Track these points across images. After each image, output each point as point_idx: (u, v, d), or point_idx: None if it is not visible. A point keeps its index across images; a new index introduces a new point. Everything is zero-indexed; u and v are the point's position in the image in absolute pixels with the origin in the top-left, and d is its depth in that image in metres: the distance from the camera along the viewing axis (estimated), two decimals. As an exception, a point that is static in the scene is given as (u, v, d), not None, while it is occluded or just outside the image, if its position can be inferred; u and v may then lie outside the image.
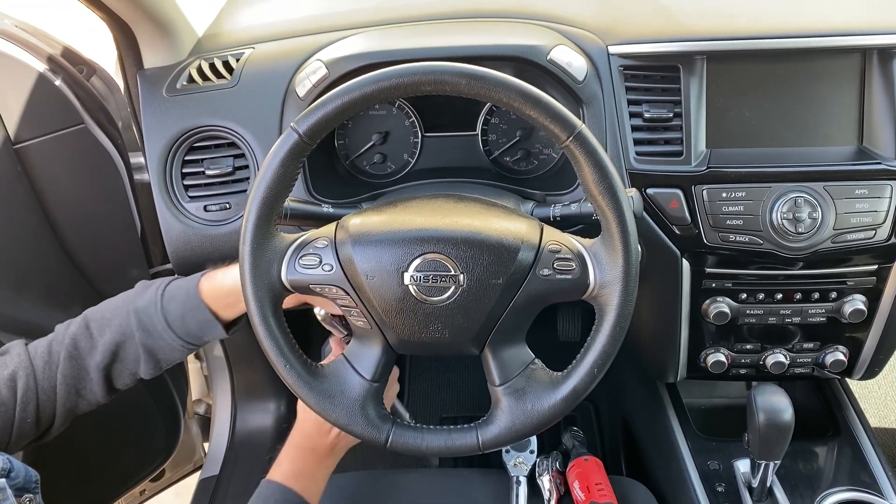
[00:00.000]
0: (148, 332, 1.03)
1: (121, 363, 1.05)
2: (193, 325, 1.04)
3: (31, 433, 1.02)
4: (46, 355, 1.02)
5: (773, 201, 1.09)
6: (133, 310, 1.04)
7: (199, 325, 1.04)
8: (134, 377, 1.07)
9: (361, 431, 0.88)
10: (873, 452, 1.25)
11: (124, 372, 1.06)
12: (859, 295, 1.16)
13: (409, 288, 0.84)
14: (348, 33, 1.21)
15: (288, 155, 0.83)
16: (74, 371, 1.02)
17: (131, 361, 1.05)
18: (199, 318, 1.04)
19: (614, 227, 0.82)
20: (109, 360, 1.03)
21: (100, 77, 1.41)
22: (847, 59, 1.11)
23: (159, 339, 1.04)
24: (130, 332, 1.03)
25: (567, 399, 0.86)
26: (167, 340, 1.04)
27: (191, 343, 1.05)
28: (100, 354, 1.02)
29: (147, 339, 1.03)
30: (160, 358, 1.06)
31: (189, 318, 1.04)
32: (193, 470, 1.91)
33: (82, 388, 1.03)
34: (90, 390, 1.04)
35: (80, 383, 1.03)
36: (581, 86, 1.10)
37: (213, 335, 1.06)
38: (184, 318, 1.04)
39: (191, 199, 1.16)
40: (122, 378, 1.06)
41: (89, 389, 1.04)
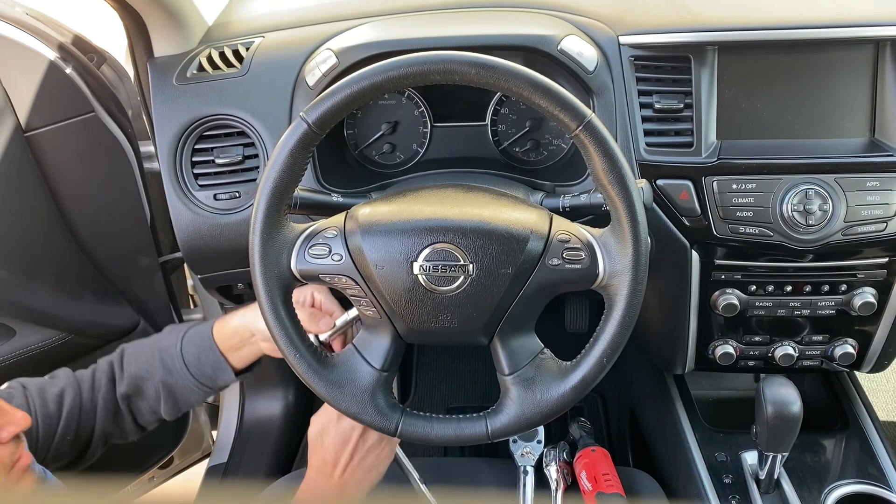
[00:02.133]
0: (168, 370, 1.07)
1: (143, 399, 1.09)
2: (206, 366, 1.07)
3: (67, 454, 1.05)
4: (90, 380, 1.08)
5: (783, 193, 1.08)
6: (158, 348, 1.08)
7: (212, 366, 1.07)
8: (156, 416, 1.11)
9: (371, 420, 0.89)
10: (881, 445, 1.25)
11: (145, 408, 1.10)
12: (869, 288, 1.15)
13: (418, 277, 0.84)
14: (358, 22, 1.21)
15: (297, 145, 0.83)
16: (111, 396, 1.08)
17: (152, 398, 1.09)
18: (212, 359, 1.07)
19: (624, 217, 0.82)
20: (132, 393, 1.08)
21: (110, 65, 1.42)
22: (860, 50, 1.10)
23: (178, 377, 1.07)
24: (153, 368, 1.07)
25: (576, 388, 0.86)
26: (184, 380, 1.07)
27: (205, 385, 1.08)
28: (125, 385, 1.08)
29: (167, 376, 1.07)
30: (178, 398, 1.09)
31: (203, 358, 1.07)
32: (202, 458, 1.91)
33: (117, 415, 1.09)
34: (122, 420, 1.10)
35: (116, 409, 1.09)
36: (591, 76, 1.10)
37: (224, 378, 1.08)
38: (199, 357, 1.07)
39: (200, 188, 1.16)
40: (145, 415, 1.10)
41: (121, 418, 1.09)
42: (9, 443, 0.88)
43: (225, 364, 1.07)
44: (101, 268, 1.45)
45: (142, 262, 1.50)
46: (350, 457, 1.00)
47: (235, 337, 1.07)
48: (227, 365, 1.07)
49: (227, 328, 1.07)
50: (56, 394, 1.05)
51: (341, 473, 1.00)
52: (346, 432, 1.00)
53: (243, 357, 1.08)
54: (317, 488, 1.00)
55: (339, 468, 0.99)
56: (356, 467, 1.00)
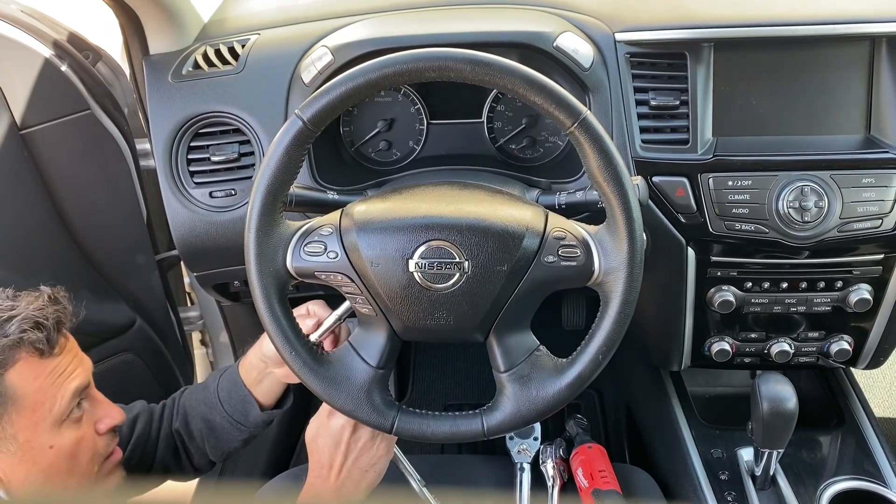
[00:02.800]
0: (209, 406, 1.09)
1: (191, 437, 1.12)
2: (237, 401, 1.08)
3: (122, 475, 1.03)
4: (160, 412, 1.13)
5: (779, 190, 1.08)
6: (203, 387, 1.13)
7: (241, 402, 1.08)
8: (205, 457, 1.13)
9: (367, 417, 0.89)
10: (877, 442, 1.25)
11: (195, 448, 1.12)
12: (865, 284, 1.15)
13: (413, 275, 0.84)
14: (354, 19, 1.21)
15: (292, 142, 0.83)
16: (170, 431, 1.12)
17: (198, 436, 1.11)
18: (240, 394, 1.08)
19: (619, 214, 0.82)
20: (181, 429, 1.11)
21: (105, 63, 1.41)
22: (856, 46, 1.10)
23: (215, 413, 1.09)
24: (198, 405, 1.10)
25: (572, 385, 0.86)
26: (220, 416, 1.09)
27: (238, 422, 1.08)
28: (178, 420, 1.11)
29: (208, 413, 1.09)
30: (218, 436, 1.10)
31: (233, 394, 1.08)
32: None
33: (176, 449, 1.12)
34: (180, 454, 1.13)
35: (176, 444, 1.12)
36: (587, 73, 1.10)
37: (253, 414, 1.08)
38: (230, 393, 1.09)
39: (196, 186, 1.16)
40: (195, 455, 1.13)
41: (178, 455, 1.13)
42: (105, 435, 0.94)
43: (250, 398, 1.07)
44: (97, 266, 1.45)
45: (138, 259, 1.50)
46: (344, 457, 0.99)
47: (254, 370, 1.08)
48: (252, 399, 1.07)
49: (246, 362, 1.09)
50: (130, 418, 1.10)
51: (337, 475, 0.98)
52: (337, 432, 0.98)
53: (265, 391, 1.08)
54: (315, 492, 0.99)
55: (334, 470, 0.98)
56: (351, 467, 0.99)
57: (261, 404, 1.08)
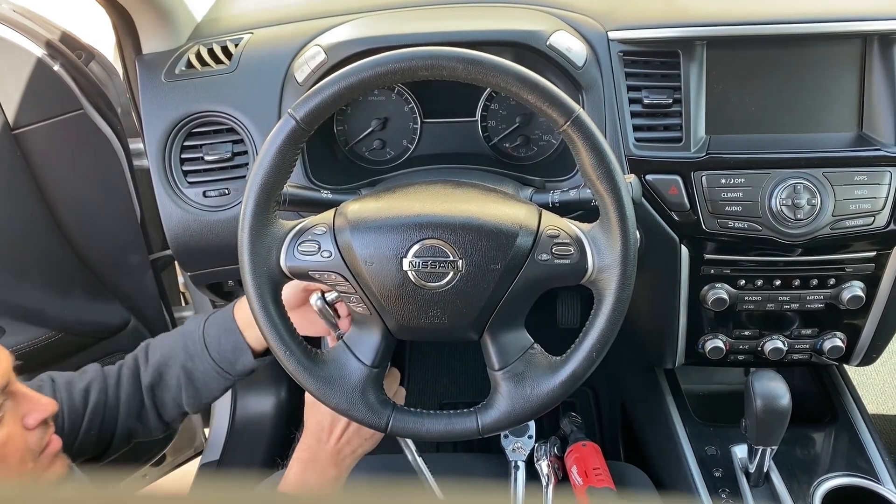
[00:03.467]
0: (190, 355, 1.06)
1: (165, 389, 1.08)
2: (227, 347, 1.06)
3: (91, 448, 1.05)
4: (116, 375, 1.08)
5: (772, 188, 1.08)
6: (181, 333, 1.09)
7: (232, 348, 1.06)
8: (179, 408, 1.10)
9: (362, 416, 0.89)
10: (870, 438, 1.26)
11: (169, 399, 1.09)
12: (858, 281, 1.16)
13: (407, 274, 0.84)
14: (347, 18, 1.21)
15: (285, 141, 0.83)
16: (134, 391, 1.08)
17: (173, 388, 1.08)
18: (232, 340, 1.06)
19: (612, 212, 0.82)
20: (155, 382, 1.07)
21: (98, 62, 1.41)
22: (848, 44, 1.10)
23: (198, 362, 1.06)
24: (176, 354, 1.07)
25: (566, 383, 0.86)
26: (204, 363, 1.06)
27: (224, 370, 1.07)
28: (149, 375, 1.07)
29: (188, 361, 1.06)
30: (198, 385, 1.07)
31: (224, 340, 1.06)
32: (194, 455, 1.91)
33: (141, 411, 1.08)
34: (145, 416, 1.09)
35: (139, 406, 1.08)
36: (580, 71, 1.10)
37: (243, 361, 1.07)
38: (219, 339, 1.06)
39: (190, 185, 1.16)
40: (169, 407, 1.10)
41: (144, 415, 1.09)
42: (36, 429, 0.88)
43: (244, 345, 1.05)
44: (90, 265, 1.44)
45: (132, 259, 1.50)
46: (347, 424, 1.02)
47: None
48: (246, 346, 1.05)
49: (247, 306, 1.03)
50: (82, 388, 1.05)
51: (336, 440, 1.01)
52: None
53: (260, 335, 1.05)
54: (312, 454, 1.02)
55: (334, 435, 1.01)
56: (352, 436, 1.02)
57: (253, 350, 1.06)
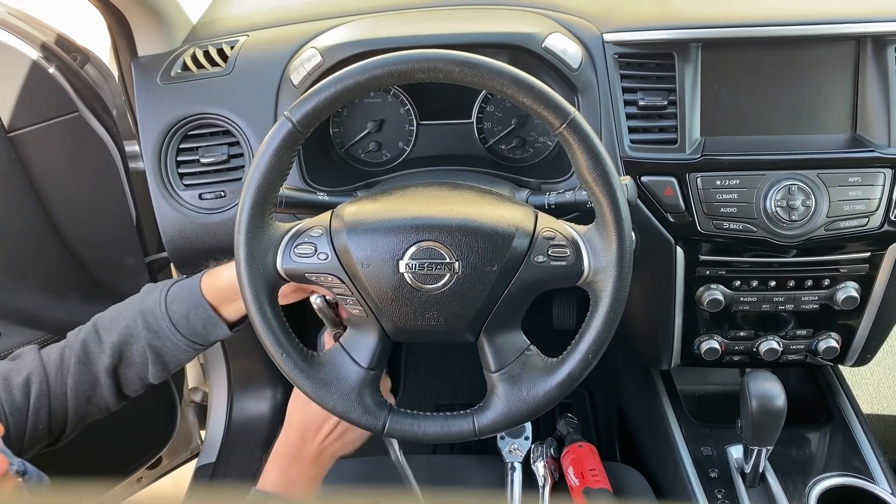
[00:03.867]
0: (154, 332, 1.03)
1: (128, 366, 1.04)
2: (197, 324, 1.03)
3: (44, 439, 1.02)
4: (59, 361, 1.02)
5: (766, 189, 1.09)
6: (139, 311, 1.03)
7: (203, 323, 1.04)
8: (143, 382, 1.07)
9: (358, 419, 0.89)
10: (865, 439, 1.26)
11: (132, 376, 1.05)
12: (852, 282, 1.16)
13: (404, 276, 0.85)
14: (343, 20, 1.21)
15: (282, 144, 0.83)
16: (85, 377, 1.02)
17: (138, 364, 1.04)
18: (202, 316, 1.03)
19: (608, 214, 0.83)
20: (117, 362, 1.03)
21: (94, 65, 1.41)
22: (841, 46, 1.11)
23: (165, 339, 1.03)
24: (137, 332, 1.03)
25: (562, 385, 0.86)
26: (172, 340, 1.03)
27: (196, 343, 1.05)
28: (108, 357, 1.02)
29: (153, 339, 1.03)
30: (167, 360, 1.05)
31: (192, 316, 1.03)
32: (191, 457, 1.91)
33: (93, 394, 1.04)
34: (100, 396, 1.04)
35: (90, 390, 1.03)
36: (576, 73, 1.10)
37: (217, 333, 1.05)
38: (187, 316, 1.03)
39: (186, 188, 1.16)
40: (131, 383, 1.06)
41: (100, 395, 1.04)
42: None
43: (217, 319, 1.03)
44: (86, 268, 1.44)
45: (128, 261, 1.49)
46: (334, 426, 1.01)
47: (231, 292, 1.02)
48: (219, 320, 1.03)
49: (220, 281, 1.03)
50: (21, 383, 0.99)
51: (322, 440, 1.01)
52: None
53: (236, 309, 1.05)
54: (294, 450, 1.01)
55: (320, 434, 1.00)
56: (336, 437, 1.02)
57: (228, 322, 1.04)
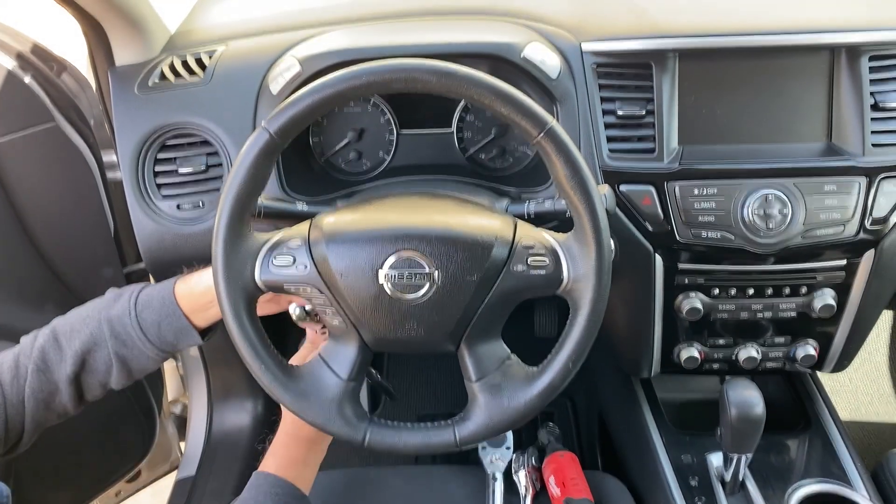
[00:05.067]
0: (122, 341, 1.00)
1: (91, 374, 1.01)
2: (169, 334, 1.01)
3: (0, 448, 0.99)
4: (14, 369, 0.98)
5: (744, 198, 1.10)
6: (105, 318, 1.00)
7: (175, 333, 1.01)
8: (104, 388, 1.04)
9: (338, 430, 0.88)
10: (843, 445, 1.27)
11: (94, 383, 1.02)
12: (829, 289, 1.18)
13: (383, 286, 0.84)
14: (323, 30, 1.21)
15: (259, 154, 0.82)
16: (43, 385, 0.99)
17: (101, 372, 1.01)
18: (175, 326, 1.01)
19: (586, 222, 0.83)
20: (79, 370, 1.00)
21: (70, 74, 1.40)
22: (816, 56, 1.12)
23: (133, 348, 1.01)
24: (102, 340, 1.00)
25: (543, 394, 0.86)
26: (140, 349, 1.01)
27: (165, 351, 1.03)
28: (69, 365, 0.99)
29: (121, 348, 1.00)
30: (132, 367, 1.03)
31: (164, 326, 1.01)
32: (170, 470, 1.89)
33: (51, 401, 1.00)
34: (59, 403, 1.01)
35: (49, 397, 1.00)
36: (555, 83, 1.11)
37: (189, 342, 1.03)
38: (159, 325, 1.01)
39: (163, 198, 1.15)
40: (93, 389, 1.03)
41: (58, 402, 1.01)
42: None
43: (190, 329, 1.01)
44: (63, 279, 1.43)
45: (105, 272, 1.48)
46: None
47: (206, 296, 1.00)
48: (192, 330, 1.01)
49: (196, 288, 1.01)
50: None
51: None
52: None
53: (210, 317, 1.03)
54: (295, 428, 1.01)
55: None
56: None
57: (199, 329, 1.03)
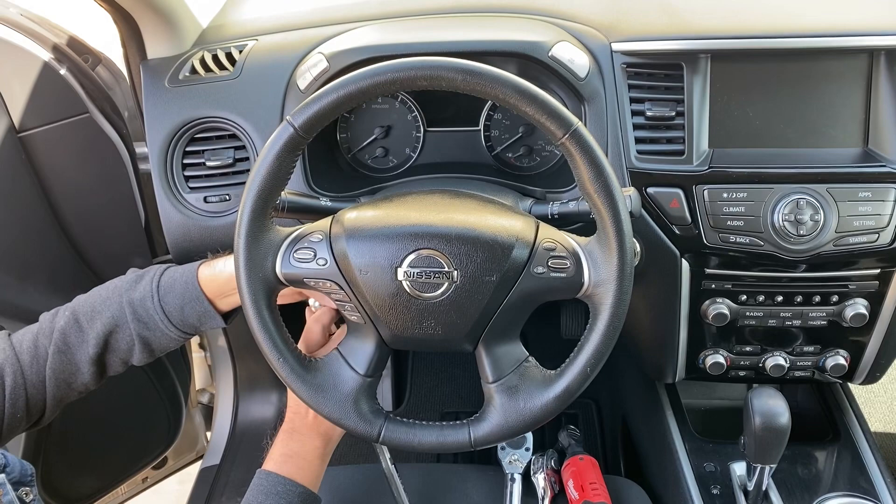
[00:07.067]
0: (144, 323, 1.02)
1: (113, 353, 1.04)
2: (192, 317, 1.03)
3: (22, 425, 1.02)
4: (33, 349, 1.00)
5: (774, 202, 1.07)
6: (127, 301, 1.02)
7: (198, 317, 1.04)
8: (126, 364, 1.07)
9: (354, 426, 0.88)
10: (872, 458, 1.24)
11: (116, 361, 1.05)
12: (861, 299, 1.15)
13: (402, 284, 0.84)
14: (351, 26, 1.21)
15: (283, 148, 0.83)
16: (64, 366, 1.01)
17: (123, 351, 1.04)
18: (198, 310, 1.03)
19: (609, 226, 0.82)
20: (101, 351, 1.02)
21: (105, 67, 1.42)
22: (854, 59, 1.09)
23: (156, 330, 1.03)
24: (124, 322, 1.02)
25: (559, 398, 0.85)
26: (163, 331, 1.03)
27: (187, 333, 1.05)
28: (91, 347, 1.01)
29: (143, 330, 1.02)
30: (154, 347, 1.05)
31: (188, 309, 1.03)
32: (196, 459, 1.92)
33: (73, 381, 1.03)
34: (80, 382, 1.04)
35: (70, 377, 1.03)
36: (583, 83, 1.09)
37: (212, 325, 1.05)
38: (182, 309, 1.03)
39: (191, 190, 1.16)
40: (114, 367, 1.06)
41: (80, 381, 1.04)
42: None
43: (214, 313, 1.03)
44: (94, 268, 1.45)
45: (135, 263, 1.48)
46: None
47: (231, 283, 1.01)
48: (215, 313, 1.03)
49: (220, 276, 1.03)
50: None
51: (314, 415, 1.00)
52: None
53: (233, 302, 1.04)
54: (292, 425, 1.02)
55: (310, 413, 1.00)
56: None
57: (222, 313, 1.04)
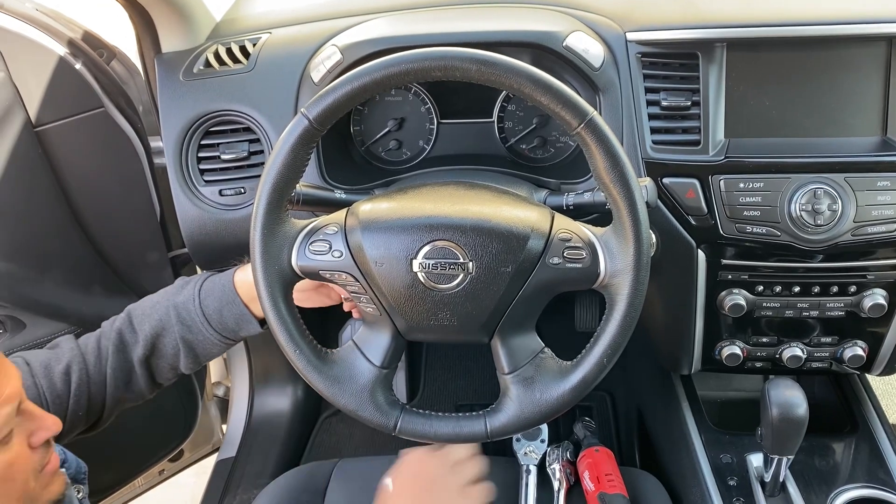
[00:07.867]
0: (187, 326, 1.06)
1: (160, 357, 1.07)
2: (230, 320, 1.06)
3: (81, 425, 1.05)
4: (96, 350, 1.05)
5: (791, 192, 1.06)
6: (172, 305, 1.06)
7: (235, 320, 1.06)
8: (175, 371, 1.10)
9: (370, 417, 0.89)
10: (891, 449, 1.22)
11: (164, 366, 1.08)
12: (880, 289, 1.13)
13: (417, 275, 0.84)
14: (364, 18, 1.21)
15: (298, 141, 0.83)
16: (121, 364, 1.05)
17: (170, 355, 1.07)
18: (235, 313, 1.06)
19: (625, 216, 0.81)
20: (149, 353, 1.06)
21: (120, 61, 1.42)
22: (872, 47, 1.08)
23: (198, 333, 1.06)
24: (170, 325, 1.05)
25: (576, 389, 0.85)
26: (205, 335, 1.06)
27: (227, 338, 1.08)
28: (141, 348, 1.05)
29: (186, 333, 1.06)
30: (199, 353, 1.08)
31: (226, 313, 1.06)
32: (212, 451, 1.93)
33: (129, 381, 1.07)
34: (136, 383, 1.08)
35: (126, 376, 1.07)
36: (598, 73, 1.09)
37: (248, 330, 1.07)
38: (221, 312, 1.06)
39: (206, 184, 1.17)
40: (164, 372, 1.09)
41: (135, 382, 1.07)
42: (39, 448, 0.84)
43: (249, 316, 1.06)
44: (110, 262, 1.46)
45: (151, 256, 1.51)
46: None
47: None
48: (251, 317, 1.06)
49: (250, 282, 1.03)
50: (62, 371, 1.02)
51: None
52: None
53: None
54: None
55: None
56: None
57: (258, 318, 1.06)
